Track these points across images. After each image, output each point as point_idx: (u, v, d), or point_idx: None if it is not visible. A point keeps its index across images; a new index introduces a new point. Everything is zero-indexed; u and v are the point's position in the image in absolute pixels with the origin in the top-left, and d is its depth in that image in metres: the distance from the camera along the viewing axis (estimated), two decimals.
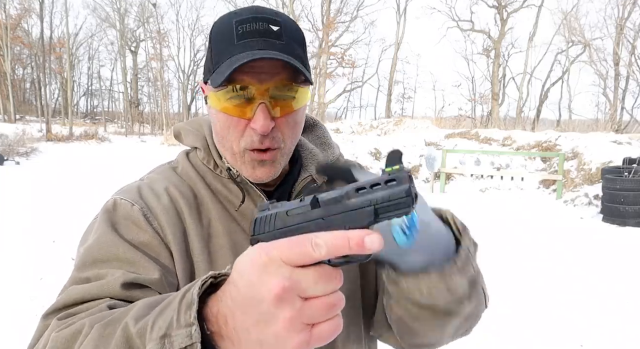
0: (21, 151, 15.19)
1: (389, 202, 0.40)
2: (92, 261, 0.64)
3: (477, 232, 3.06)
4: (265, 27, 0.66)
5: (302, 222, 0.43)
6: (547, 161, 10.98)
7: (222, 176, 0.76)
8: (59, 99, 38.66)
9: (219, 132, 0.71)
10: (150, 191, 0.73)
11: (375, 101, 47.72)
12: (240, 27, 0.66)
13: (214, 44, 0.69)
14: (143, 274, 0.63)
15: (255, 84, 0.65)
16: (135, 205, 0.70)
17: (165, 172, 0.79)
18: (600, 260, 5.18)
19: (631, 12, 23.43)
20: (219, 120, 0.70)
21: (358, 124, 18.20)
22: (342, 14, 31.58)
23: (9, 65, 28.21)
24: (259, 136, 0.67)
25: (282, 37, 0.67)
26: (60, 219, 6.17)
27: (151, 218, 0.70)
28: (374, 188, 0.41)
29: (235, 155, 0.71)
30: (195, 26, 44.89)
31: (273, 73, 0.66)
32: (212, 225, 0.73)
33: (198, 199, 0.75)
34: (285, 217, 0.44)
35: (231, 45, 0.66)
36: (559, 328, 3.44)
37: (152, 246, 0.68)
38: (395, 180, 0.40)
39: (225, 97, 0.67)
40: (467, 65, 37.34)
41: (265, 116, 0.65)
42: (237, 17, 0.67)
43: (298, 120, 0.72)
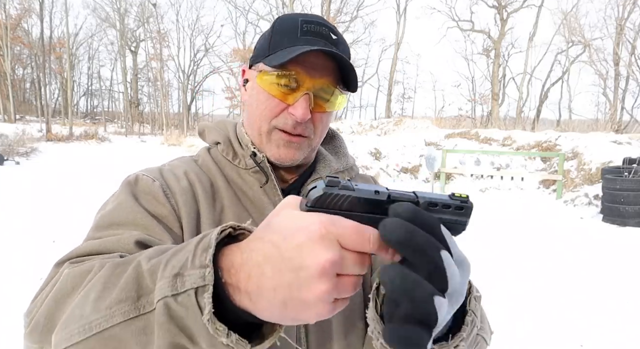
0: (21, 151, 15.19)
1: (450, 225, 0.45)
2: (109, 224, 0.66)
3: (477, 233, 3.08)
4: (327, 32, 0.74)
5: (371, 216, 0.43)
6: (547, 161, 10.98)
7: (240, 167, 0.80)
8: (59, 99, 38.69)
9: (254, 111, 0.76)
10: (170, 173, 0.77)
11: (375, 101, 47.78)
12: (305, 25, 0.73)
13: (276, 33, 0.74)
14: (159, 238, 0.65)
15: (306, 76, 0.71)
16: (157, 181, 0.74)
17: (186, 161, 0.83)
18: (600, 260, 5.17)
19: (631, 12, 23.44)
20: (259, 99, 0.75)
21: (358, 124, 18.21)
22: (342, 14, 31.62)
23: (9, 65, 28.21)
24: (294, 122, 0.72)
25: (338, 46, 0.75)
26: (60, 219, 6.17)
27: (169, 195, 0.73)
28: (444, 208, 0.45)
29: (262, 135, 0.76)
30: (195, 26, 44.98)
31: (323, 73, 0.72)
32: (225, 211, 0.75)
33: (214, 187, 0.78)
34: (356, 203, 0.43)
35: (294, 38, 0.72)
36: (559, 328, 3.43)
37: (169, 219, 0.70)
38: (463, 209, 0.46)
39: (274, 80, 0.72)
40: (467, 65, 37.39)
41: (307, 105, 0.71)
42: (304, 17, 0.74)
43: (327, 122, 0.78)
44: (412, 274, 0.39)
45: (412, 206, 0.41)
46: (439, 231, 0.41)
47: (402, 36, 31.29)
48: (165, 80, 36.03)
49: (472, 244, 5.59)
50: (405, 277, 0.38)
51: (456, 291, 0.41)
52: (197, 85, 37.37)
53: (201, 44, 38.35)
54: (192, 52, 37.18)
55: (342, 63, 0.72)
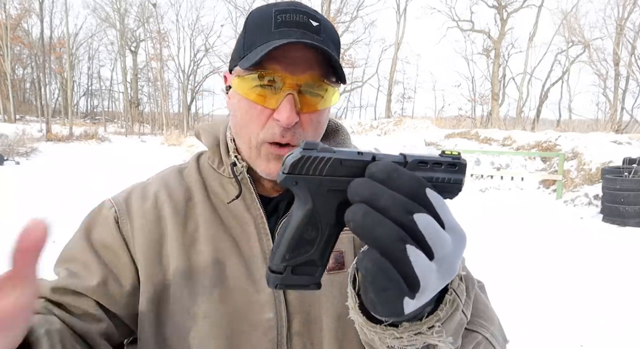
0: (21, 151, 15.18)
1: (444, 184, 0.42)
2: (62, 259, 0.72)
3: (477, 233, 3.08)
4: (305, 20, 0.64)
5: (356, 177, 0.39)
6: (547, 161, 10.98)
7: (224, 174, 0.75)
8: (59, 99, 38.68)
9: (239, 122, 0.68)
10: (140, 193, 0.75)
11: (375, 101, 47.77)
12: (279, 16, 0.64)
13: (249, 31, 0.66)
14: (83, 279, 0.67)
15: (286, 74, 0.62)
16: (114, 207, 0.73)
17: (168, 175, 0.79)
18: (600, 260, 5.17)
19: (631, 12, 23.43)
20: (240, 108, 0.67)
21: (358, 124, 18.21)
22: (342, 14, 31.58)
23: (9, 65, 28.20)
24: (281, 128, 0.64)
25: (320, 33, 0.65)
26: (60, 219, 6.16)
27: (124, 222, 0.72)
28: (435, 166, 0.42)
29: (251, 148, 0.68)
30: (195, 26, 44.98)
31: (306, 67, 0.63)
32: (199, 231, 0.71)
33: (191, 203, 0.73)
34: (338, 166, 0.39)
35: (268, 33, 0.63)
36: (559, 328, 3.43)
37: (113, 249, 0.70)
38: (457, 166, 0.42)
39: (252, 84, 0.64)
40: (467, 65, 37.37)
41: (292, 107, 0.62)
42: (277, 7, 0.65)
43: (322, 121, 0.69)
44: (377, 214, 0.34)
45: (389, 165, 0.37)
46: (423, 192, 0.36)
47: (402, 36, 31.29)
48: (165, 80, 36.05)
49: (472, 244, 5.59)
50: (369, 213, 0.34)
51: (447, 258, 0.37)
52: (197, 85, 37.38)
53: (201, 44, 38.39)
54: (192, 52, 37.19)
55: (325, 55, 0.62)
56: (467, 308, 0.53)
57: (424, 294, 0.36)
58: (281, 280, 0.40)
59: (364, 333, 0.48)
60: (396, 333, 0.44)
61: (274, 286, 0.41)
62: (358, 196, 0.36)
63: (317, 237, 0.41)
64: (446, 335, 0.46)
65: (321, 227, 0.41)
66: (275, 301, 0.68)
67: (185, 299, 0.67)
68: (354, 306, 0.47)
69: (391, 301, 0.35)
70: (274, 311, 0.67)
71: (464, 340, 0.56)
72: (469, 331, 0.58)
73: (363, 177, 0.38)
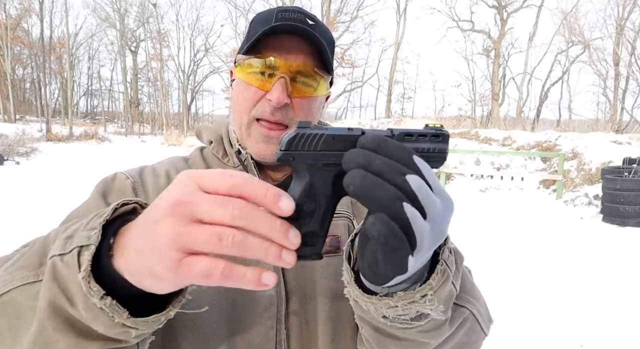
0: (21, 151, 15.19)
1: (429, 154, 0.45)
2: (72, 217, 0.70)
3: (477, 233, 3.07)
4: (303, 19, 0.72)
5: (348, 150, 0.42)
6: (547, 161, 10.98)
7: (228, 164, 0.79)
8: (59, 99, 38.68)
9: (235, 103, 0.75)
10: (151, 171, 0.78)
11: (375, 101, 47.80)
12: (280, 13, 0.72)
13: (252, 27, 0.74)
14: None
15: (281, 60, 0.69)
16: (129, 179, 0.74)
17: (175, 160, 0.83)
18: (600, 260, 5.17)
19: (631, 12, 23.44)
20: (238, 91, 0.74)
21: (358, 124, 18.20)
22: (342, 14, 31.59)
23: (9, 65, 28.21)
24: (272, 108, 0.70)
25: (315, 30, 0.71)
26: (60, 219, 6.16)
27: (140, 192, 0.73)
28: (420, 138, 0.45)
29: (242, 128, 0.74)
30: (195, 26, 44.95)
31: (298, 55, 0.70)
32: None
33: None
34: (331, 141, 0.43)
35: (268, 25, 0.69)
36: (559, 328, 3.43)
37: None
38: (440, 136, 0.46)
39: (250, 69, 0.71)
40: (467, 65, 37.36)
41: (283, 89, 0.69)
42: (280, 8, 0.73)
43: (312, 108, 0.74)
44: (374, 176, 0.37)
45: (378, 136, 0.40)
46: (410, 158, 0.39)
47: (402, 36, 31.29)
48: (165, 80, 36.05)
49: (473, 244, 5.59)
50: (366, 177, 0.37)
51: (437, 219, 0.39)
52: (197, 85, 37.37)
53: (201, 44, 38.36)
54: (192, 52, 37.18)
55: (316, 43, 0.69)
56: (457, 280, 0.54)
57: (420, 252, 0.39)
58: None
59: (359, 306, 0.50)
60: (391, 302, 0.46)
61: None
62: (353, 163, 0.38)
63: (316, 209, 0.43)
64: (437, 304, 0.48)
65: (319, 199, 0.43)
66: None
67: None
68: (350, 280, 0.50)
69: (398, 260, 0.38)
70: (275, 289, 0.69)
71: (453, 314, 0.57)
72: (458, 305, 0.60)
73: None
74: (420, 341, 0.53)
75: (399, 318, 0.49)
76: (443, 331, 0.54)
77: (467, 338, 0.63)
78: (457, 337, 0.60)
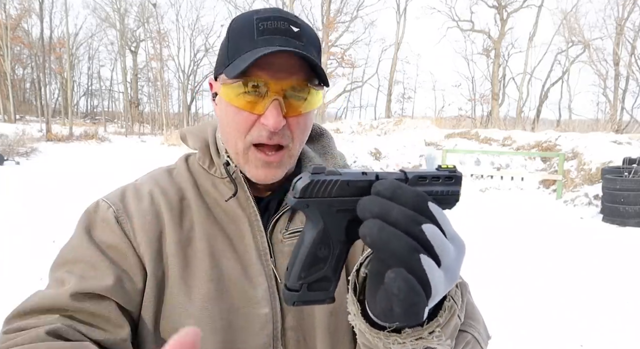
0: (21, 151, 15.18)
1: (442, 196, 0.45)
2: (62, 263, 0.68)
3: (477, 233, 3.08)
4: (287, 26, 0.66)
5: (362, 195, 0.42)
6: (547, 161, 10.98)
7: (215, 175, 0.76)
8: (59, 99, 38.67)
9: (226, 128, 0.70)
10: (134, 194, 0.74)
11: (375, 101, 47.76)
12: (261, 24, 0.66)
13: (232, 39, 0.68)
14: (98, 279, 0.65)
15: (271, 81, 0.64)
16: (112, 207, 0.71)
17: (158, 175, 0.79)
18: (600, 260, 5.17)
19: (631, 12, 23.43)
20: (227, 114, 0.69)
21: (358, 124, 18.20)
22: (342, 14, 31.58)
23: (9, 65, 28.20)
24: (268, 132, 0.66)
25: (302, 38, 0.67)
26: (60, 219, 6.16)
27: (124, 221, 0.70)
28: (433, 181, 0.45)
29: (238, 154, 0.70)
30: (195, 26, 45.02)
31: (290, 72, 0.65)
32: (194, 229, 0.72)
33: (185, 202, 0.74)
34: (345, 187, 0.42)
35: (251, 41, 0.65)
36: (559, 328, 3.43)
37: (119, 249, 0.68)
38: (453, 179, 0.46)
39: (238, 91, 0.66)
40: (467, 65, 37.38)
41: (278, 112, 0.65)
42: (258, 14, 0.67)
43: (307, 123, 0.71)
44: (391, 227, 0.37)
45: (394, 182, 0.40)
46: (426, 206, 0.39)
47: (402, 36, 31.28)
48: (165, 80, 36.04)
49: (473, 244, 5.59)
50: (384, 228, 0.37)
51: (451, 266, 0.40)
52: (197, 85, 37.36)
53: (201, 44, 38.41)
54: (192, 52, 37.22)
55: (308, 60, 0.65)
56: (462, 312, 0.55)
57: (434, 300, 0.39)
58: (298, 297, 0.43)
59: (366, 338, 0.50)
60: (399, 339, 0.47)
61: (292, 304, 0.44)
62: (369, 213, 0.38)
63: (330, 255, 0.43)
64: (445, 338, 0.48)
65: (332, 245, 0.43)
66: (270, 297, 0.69)
67: (183, 296, 0.68)
68: (356, 313, 0.49)
69: (415, 311, 0.38)
70: (270, 306, 0.69)
71: (456, 340, 0.58)
72: (461, 331, 0.61)
73: (369, 195, 0.41)
74: None
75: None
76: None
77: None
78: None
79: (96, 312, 0.63)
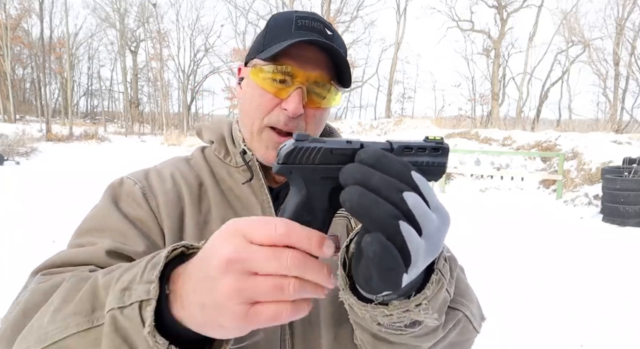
0: (21, 151, 15.19)
1: (428, 167, 0.45)
2: (88, 229, 0.69)
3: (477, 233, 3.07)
4: (322, 28, 0.73)
5: (346, 164, 0.41)
6: (547, 161, 10.98)
7: (231, 164, 0.79)
8: (59, 99, 38.68)
9: (247, 107, 0.74)
10: (156, 175, 0.78)
11: (375, 101, 47.77)
12: (300, 21, 0.72)
13: (271, 29, 0.73)
14: (130, 245, 0.65)
15: (298, 70, 0.69)
16: (138, 184, 0.74)
17: (177, 162, 0.83)
18: (600, 260, 5.17)
19: (631, 12, 23.43)
20: (252, 95, 0.73)
21: (358, 124, 18.20)
22: (342, 14, 31.59)
23: (9, 65, 28.20)
24: (287, 117, 0.70)
25: (333, 41, 0.73)
26: (60, 219, 6.16)
27: (150, 197, 0.73)
28: (419, 152, 0.44)
29: (253, 133, 0.74)
30: (195, 26, 44.97)
31: (316, 66, 0.70)
32: (211, 212, 0.75)
33: (202, 187, 0.77)
34: (329, 154, 0.42)
35: (288, 32, 0.71)
36: (559, 328, 3.43)
37: (146, 223, 0.70)
38: (440, 150, 0.45)
39: (268, 75, 0.70)
40: (467, 65, 37.37)
41: (299, 99, 0.69)
42: (298, 13, 0.74)
43: (323, 118, 0.76)
44: (372, 194, 0.37)
45: (378, 151, 0.40)
46: (409, 174, 0.39)
47: (402, 36, 31.28)
48: (165, 80, 36.05)
49: (473, 244, 5.59)
50: (364, 194, 0.37)
51: (433, 235, 0.40)
52: (197, 85, 37.35)
53: (201, 44, 38.37)
54: (192, 52, 37.17)
55: (336, 57, 0.70)
56: (451, 287, 0.55)
57: (414, 269, 0.39)
58: None
59: (354, 312, 0.51)
60: (386, 311, 0.47)
61: None
62: (351, 179, 0.39)
63: (312, 222, 0.43)
64: (432, 312, 0.49)
65: (315, 212, 0.43)
66: None
67: None
68: (345, 287, 0.50)
69: (393, 278, 0.38)
70: None
71: (447, 317, 0.58)
72: (451, 308, 0.61)
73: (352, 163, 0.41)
74: (413, 345, 0.54)
75: (393, 325, 0.50)
76: (436, 335, 0.56)
77: (459, 337, 0.64)
78: (449, 338, 0.61)
79: None
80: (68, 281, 0.52)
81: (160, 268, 0.44)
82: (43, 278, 0.58)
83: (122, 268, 0.49)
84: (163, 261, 0.44)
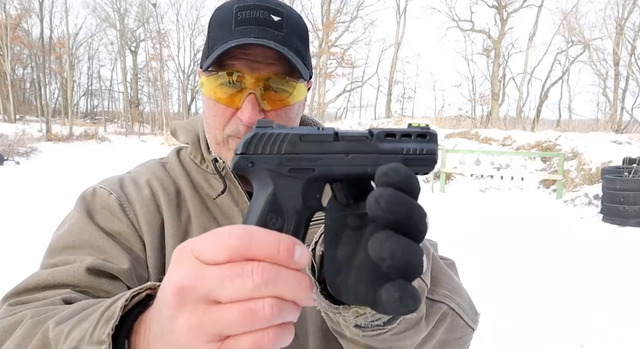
0: (21, 151, 15.18)
1: (417, 155, 0.39)
2: (63, 247, 0.64)
3: (477, 233, 3.07)
4: (266, 16, 0.63)
5: (319, 153, 0.36)
6: (547, 161, 10.98)
7: (207, 170, 0.75)
8: (59, 99, 38.67)
9: (207, 119, 0.69)
10: (132, 183, 0.73)
11: (375, 101, 47.70)
12: (240, 13, 0.64)
13: (212, 30, 0.67)
14: (113, 262, 0.61)
15: (246, 72, 0.63)
16: (113, 194, 0.69)
17: (152, 166, 0.78)
18: (600, 260, 5.17)
19: (631, 12, 23.43)
20: (207, 106, 0.68)
21: (358, 124, 18.20)
22: (342, 14, 31.59)
23: (9, 65, 28.20)
24: (245, 126, 0.65)
25: (282, 28, 0.64)
26: (60, 220, 6.17)
27: (127, 208, 0.68)
28: (404, 138, 0.39)
29: (219, 144, 0.69)
30: (195, 26, 44.91)
31: (267, 64, 0.63)
32: (191, 222, 0.71)
33: (181, 195, 0.73)
34: (298, 142, 0.36)
35: (228, 32, 0.63)
36: (559, 328, 3.43)
37: (126, 236, 0.66)
38: (427, 136, 0.39)
39: (216, 84, 0.64)
40: (467, 65, 37.36)
41: (254, 106, 0.63)
42: (239, 3, 0.65)
43: (292, 116, 0.69)
44: (408, 241, 0.31)
45: (402, 167, 0.32)
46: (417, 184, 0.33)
47: (402, 36, 31.28)
48: (165, 80, 36.03)
49: (472, 244, 5.59)
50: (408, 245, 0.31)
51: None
52: (197, 85, 37.26)
53: (201, 44, 38.32)
54: (192, 52, 37.16)
55: (283, 52, 0.61)
56: (426, 276, 0.52)
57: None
58: None
59: (329, 318, 0.48)
60: (360, 310, 0.43)
61: None
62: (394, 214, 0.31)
63: (284, 226, 0.36)
64: None
65: (286, 214, 0.36)
66: None
67: None
68: (317, 293, 0.45)
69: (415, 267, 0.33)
70: None
71: (429, 310, 0.55)
72: (433, 301, 0.58)
73: (326, 153, 0.36)
74: (398, 346, 0.51)
75: (371, 324, 0.46)
76: (419, 329, 0.52)
77: (450, 334, 0.60)
78: (437, 334, 0.58)
79: (112, 291, 0.59)
80: (25, 323, 0.48)
81: (115, 322, 0.37)
82: (9, 310, 0.54)
83: (75, 318, 0.43)
84: (118, 313, 0.37)
